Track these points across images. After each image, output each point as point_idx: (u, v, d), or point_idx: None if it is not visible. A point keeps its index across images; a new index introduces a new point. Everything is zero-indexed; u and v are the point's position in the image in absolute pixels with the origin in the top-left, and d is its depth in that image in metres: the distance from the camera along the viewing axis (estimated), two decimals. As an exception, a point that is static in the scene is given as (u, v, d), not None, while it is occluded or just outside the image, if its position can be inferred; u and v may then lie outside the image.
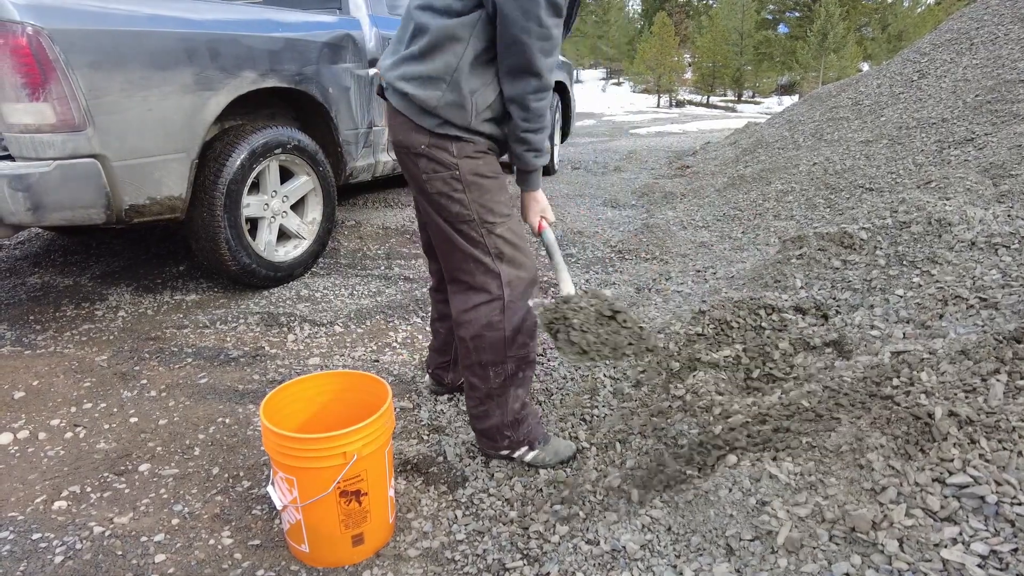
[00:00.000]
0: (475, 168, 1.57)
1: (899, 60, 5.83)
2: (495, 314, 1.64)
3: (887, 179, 3.57)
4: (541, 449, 1.78)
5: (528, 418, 1.77)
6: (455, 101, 1.51)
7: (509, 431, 1.74)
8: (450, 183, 1.57)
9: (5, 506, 1.65)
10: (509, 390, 1.71)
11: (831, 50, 27.39)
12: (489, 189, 1.60)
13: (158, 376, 2.31)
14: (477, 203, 1.58)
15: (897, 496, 1.25)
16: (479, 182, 1.58)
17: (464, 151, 1.55)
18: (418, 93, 1.51)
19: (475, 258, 1.62)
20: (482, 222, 1.60)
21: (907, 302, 1.95)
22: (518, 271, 1.65)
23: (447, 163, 1.55)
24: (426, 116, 1.53)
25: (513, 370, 1.70)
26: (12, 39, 2.03)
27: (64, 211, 2.28)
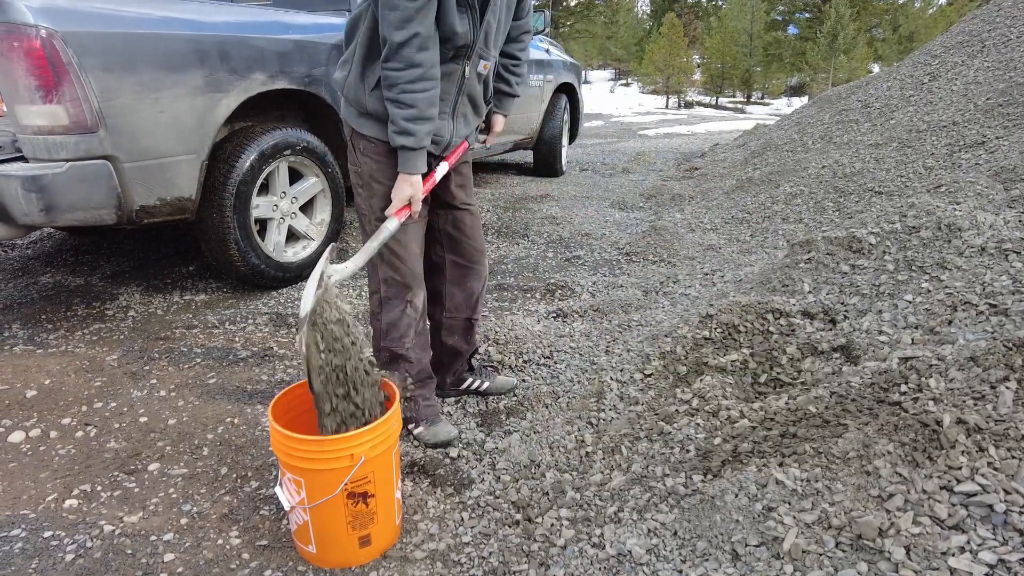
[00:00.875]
0: (372, 172, 1.72)
1: (910, 62, 5.80)
2: (376, 305, 1.86)
3: (896, 183, 3.55)
4: (425, 428, 1.93)
5: (416, 400, 1.93)
6: (353, 81, 1.67)
7: (404, 405, 1.85)
8: (356, 177, 1.77)
9: (17, 504, 1.67)
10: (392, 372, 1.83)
11: (841, 51, 27.24)
12: (376, 194, 1.73)
13: (167, 376, 2.33)
14: (368, 201, 1.75)
15: (904, 503, 1.25)
16: (372, 185, 1.73)
17: (367, 150, 1.72)
18: (336, 75, 1.72)
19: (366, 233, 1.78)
20: (370, 219, 1.76)
21: (916, 307, 1.94)
22: (393, 273, 1.80)
23: (355, 160, 1.76)
24: (345, 105, 1.73)
25: (386, 359, 1.87)
26: (26, 42, 2.06)
27: (76, 212, 2.30)
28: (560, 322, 2.75)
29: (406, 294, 1.82)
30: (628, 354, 2.34)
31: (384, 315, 1.84)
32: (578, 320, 2.76)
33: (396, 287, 1.80)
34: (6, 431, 1.97)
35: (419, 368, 1.93)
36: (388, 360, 1.87)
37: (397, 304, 1.82)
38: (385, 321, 1.84)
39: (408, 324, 1.85)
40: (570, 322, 2.75)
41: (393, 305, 1.82)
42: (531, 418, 2.05)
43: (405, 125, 1.58)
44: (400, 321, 1.83)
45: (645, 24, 41.14)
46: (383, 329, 1.85)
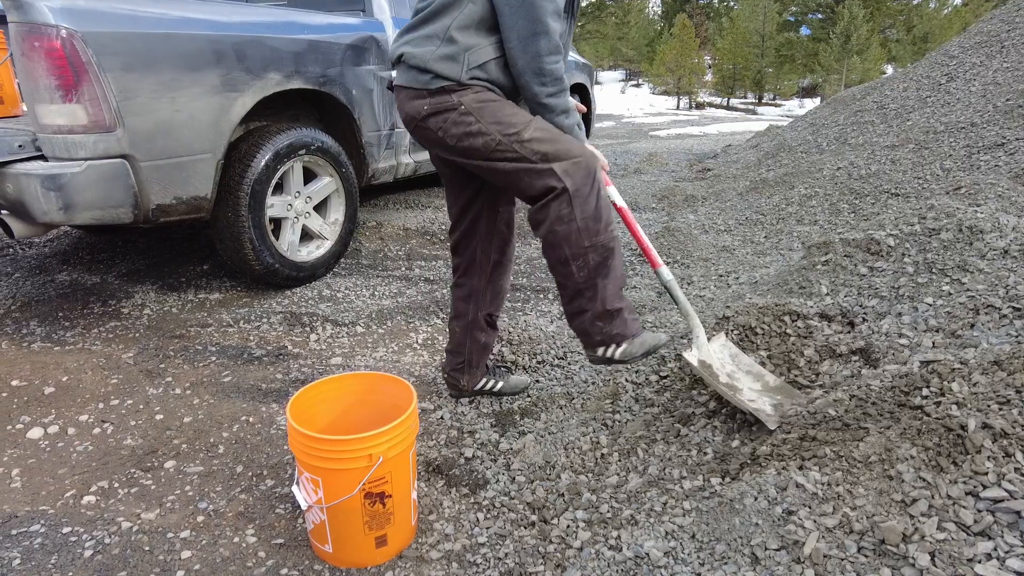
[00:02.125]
0: (476, 98, 1.63)
1: (926, 63, 5.74)
2: (564, 207, 1.61)
3: (914, 184, 3.51)
4: (629, 344, 1.73)
5: (622, 312, 1.71)
6: (447, 54, 1.60)
7: (601, 323, 1.70)
8: (462, 120, 1.62)
9: (37, 499, 1.68)
10: (597, 281, 1.66)
11: (854, 52, 27.01)
12: (497, 108, 1.63)
13: (183, 374, 2.34)
14: (494, 124, 1.61)
15: (928, 509, 1.23)
16: (486, 106, 1.62)
17: (462, 94, 1.62)
18: (414, 51, 1.62)
19: (524, 170, 1.61)
20: (509, 139, 1.61)
21: (937, 310, 1.92)
22: (569, 159, 1.61)
23: (451, 106, 1.62)
24: (420, 74, 1.62)
25: (596, 260, 1.65)
26: (47, 42, 2.07)
27: (94, 210, 2.31)
28: (574, 323, 2.74)
29: (594, 174, 1.64)
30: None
31: (577, 210, 1.60)
32: (592, 321, 2.75)
33: (581, 170, 1.61)
34: (25, 427, 1.99)
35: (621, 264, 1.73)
36: (599, 260, 1.64)
37: (588, 191, 1.61)
38: (580, 216, 1.61)
39: (607, 208, 1.66)
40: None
41: (583, 194, 1.61)
42: (545, 419, 2.05)
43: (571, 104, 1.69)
44: (598, 209, 1.63)
45: (656, 25, 41.02)
46: (579, 227, 1.61)
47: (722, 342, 1.91)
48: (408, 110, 1.69)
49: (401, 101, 1.71)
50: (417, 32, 1.65)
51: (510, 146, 1.60)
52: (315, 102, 3.25)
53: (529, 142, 1.60)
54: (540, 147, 1.60)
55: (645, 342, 1.74)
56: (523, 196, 1.69)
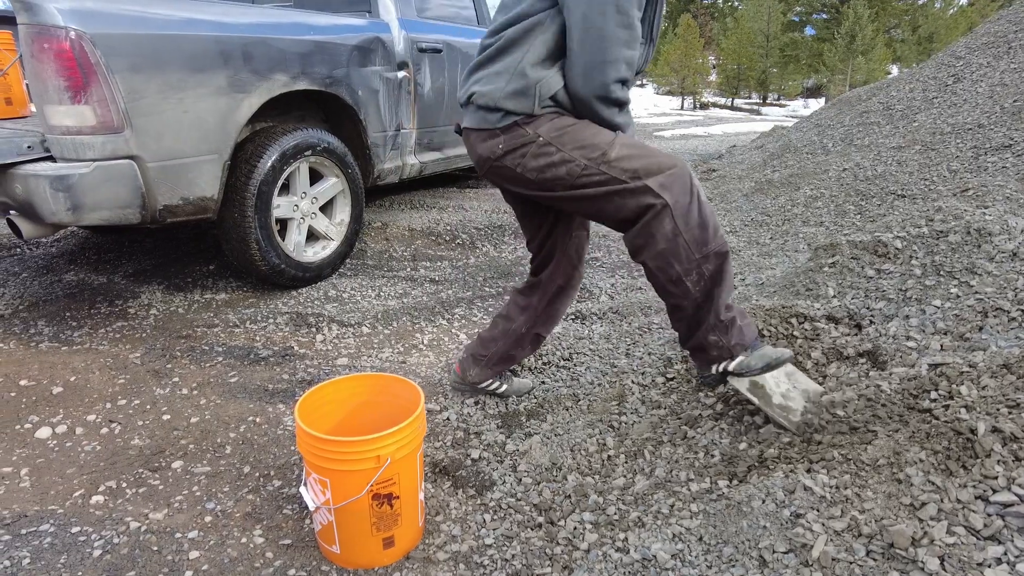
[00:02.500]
0: (553, 126, 1.56)
1: (932, 64, 5.72)
2: (667, 224, 1.51)
3: (920, 186, 3.50)
4: (747, 356, 1.63)
5: (735, 321, 1.62)
6: (518, 90, 1.54)
7: (716, 336, 1.61)
8: (541, 153, 1.54)
9: (45, 499, 1.69)
10: (712, 291, 1.57)
11: (859, 52, 26.94)
12: (576, 133, 1.55)
13: (189, 374, 2.35)
14: (575, 150, 1.53)
15: (938, 513, 1.23)
16: (564, 132, 1.55)
17: (536, 125, 1.56)
18: (483, 89, 1.57)
19: (617, 192, 1.52)
20: (595, 162, 1.53)
21: (945, 313, 1.91)
22: (663, 172, 1.52)
23: (528, 140, 1.55)
24: (490, 114, 1.58)
25: (712, 270, 1.55)
26: (56, 43, 2.08)
27: (102, 211, 2.32)
28: (579, 324, 2.74)
29: (689, 183, 1.53)
30: (649, 357, 2.32)
31: (681, 223, 1.51)
32: (597, 322, 2.75)
33: (676, 184, 1.51)
34: (33, 427, 2.00)
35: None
36: (715, 269, 1.55)
37: (687, 201, 1.51)
38: (686, 228, 1.51)
39: (711, 213, 1.55)
40: (589, 324, 2.73)
41: (683, 204, 1.51)
42: (552, 420, 2.05)
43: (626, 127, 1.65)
44: (702, 216, 1.53)
45: (661, 25, 40.97)
46: (688, 241, 1.51)
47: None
48: (481, 152, 1.62)
49: (472, 144, 1.65)
50: (486, 70, 1.59)
51: (597, 168, 1.52)
52: (321, 103, 3.26)
53: (617, 160, 1.52)
54: (630, 164, 1.52)
55: (765, 355, 1.62)
56: (617, 220, 1.58)
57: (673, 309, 1.65)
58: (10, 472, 1.79)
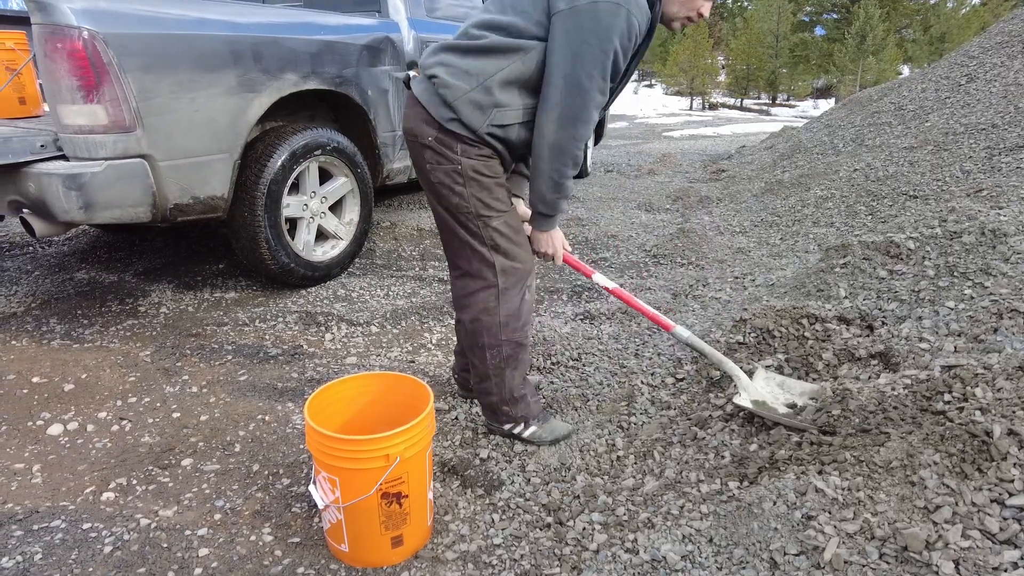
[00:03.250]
0: (476, 167, 1.64)
1: (945, 63, 5.68)
2: (491, 300, 1.73)
3: (933, 187, 3.47)
4: (539, 427, 1.89)
5: (526, 397, 1.87)
6: (477, 101, 1.57)
7: (507, 407, 1.86)
8: (451, 175, 1.64)
9: (57, 495, 1.70)
10: (505, 371, 1.81)
11: (870, 53, 26.74)
12: (487, 187, 1.66)
13: (199, 372, 2.36)
14: (475, 197, 1.65)
15: (952, 516, 1.21)
16: (479, 179, 1.64)
17: (467, 152, 1.62)
18: (447, 79, 1.57)
19: (472, 247, 1.70)
20: (478, 215, 1.67)
21: (959, 315, 1.89)
22: (512, 261, 1.72)
23: (450, 158, 1.63)
24: (442, 107, 1.59)
25: (508, 353, 1.79)
26: (69, 43, 2.10)
27: (113, 209, 2.34)
28: (588, 324, 2.74)
29: (525, 280, 1.76)
30: (659, 358, 2.31)
31: (502, 307, 1.74)
32: (606, 323, 2.74)
33: (514, 276, 1.73)
34: (45, 423, 2.01)
35: (527, 357, 1.88)
36: (511, 353, 1.79)
37: (516, 293, 1.75)
38: (504, 313, 1.74)
39: (528, 311, 1.80)
40: (598, 324, 2.73)
41: (512, 295, 1.74)
42: (560, 420, 2.04)
43: (561, 204, 1.69)
44: (520, 308, 1.77)
45: (669, 25, 40.77)
46: (501, 322, 1.75)
47: (764, 376, 1.86)
48: (413, 126, 1.68)
49: (411, 112, 1.69)
50: (457, 59, 1.59)
51: (476, 221, 1.67)
52: (331, 103, 3.26)
53: (494, 231, 1.68)
54: (498, 239, 1.69)
55: (555, 431, 1.90)
56: (457, 260, 1.77)
57: (473, 368, 1.87)
58: (22, 468, 1.81)
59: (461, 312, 1.80)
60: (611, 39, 1.46)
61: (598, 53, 1.47)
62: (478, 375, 1.85)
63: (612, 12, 1.44)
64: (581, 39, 1.46)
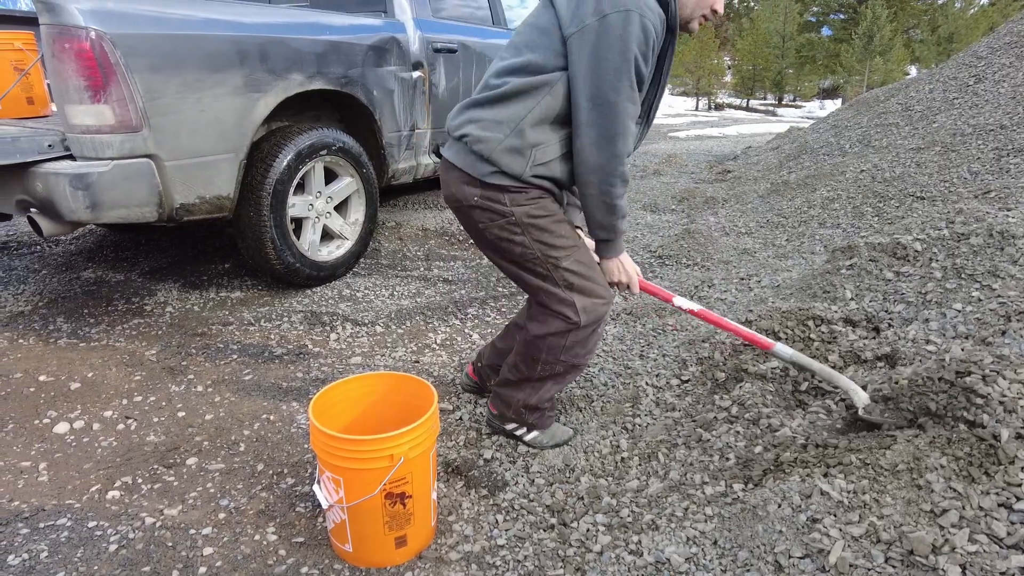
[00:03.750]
0: (529, 211, 1.59)
1: (953, 64, 5.65)
2: (568, 334, 1.70)
3: (940, 188, 3.45)
4: (541, 433, 1.89)
5: (548, 409, 1.87)
6: (515, 147, 1.54)
7: (524, 411, 1.85)
8: (508, 228, 1.61)
9: (63, 493, 1.70)
10: (547, 383, 1.80)
11: (877, 53, 26.63)
12: (547, 228, 1.61)
13: (204, 371, 2.37)
14: (538, 242, 1.61)
15: (959, 520, 1.21)
16: (536, 223, 1.60)
17: (516, 200, 1.58)
18: (480, 134, 1.55)
19: (546, 291, 1.66)
20: (546, 259, 1.62)
21: (966, 317, 1.88)
22: (591, 298, 1.67)
23: (502, 212, 1.59)
24: (480, 163, 1.56)
25: (561, 371, 1.78)
26: (77, 43, 2.10)
27: (120, 209, 2.34)
28: (593, 325, 2.73)
29: (603, 316, 1.72)
30: (664, 359, 2.31)
31: (571, 336, 1.70)
32: (611, 324, 2.73)
33: (595, 313, 1.69)
34: (52, 422, 2.02)
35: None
36: (563, 372, 1.78)
37: (591, 327, 1.71)
38: (572, 340, 1.71)
39: (596, 340, 1.77)
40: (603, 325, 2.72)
41: (587, 330, 1.71)
42: (564, 421, 2.04)
43: (619, 226, 1.63)
44: (590, 339, 1.74)
45: (675, 26, 40.67)
46: (567, 346, 1.71)
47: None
48: (456, 192, 1.64)
49: (449, 179, 1.65)
50: (486, 112, 1.56)
51: (545, 264, 1.63)
52: (336, 103, 3.27)
53: (566, 271, 1.64)
54: (572, 279, 1.64)
55: (555, 436, 1.89)
56: (531, 296, 1.74)
57: (513, 366, 1.83)
58: (29, 466, 1.81)
59: (530, 322, 1.74)
60: (629, 47, 1.43)
61: (619, 63, 1.43)
62: (515, 374, 1.82)
63: (623, 21, 1.41)
64: (599, 56, 1.43)
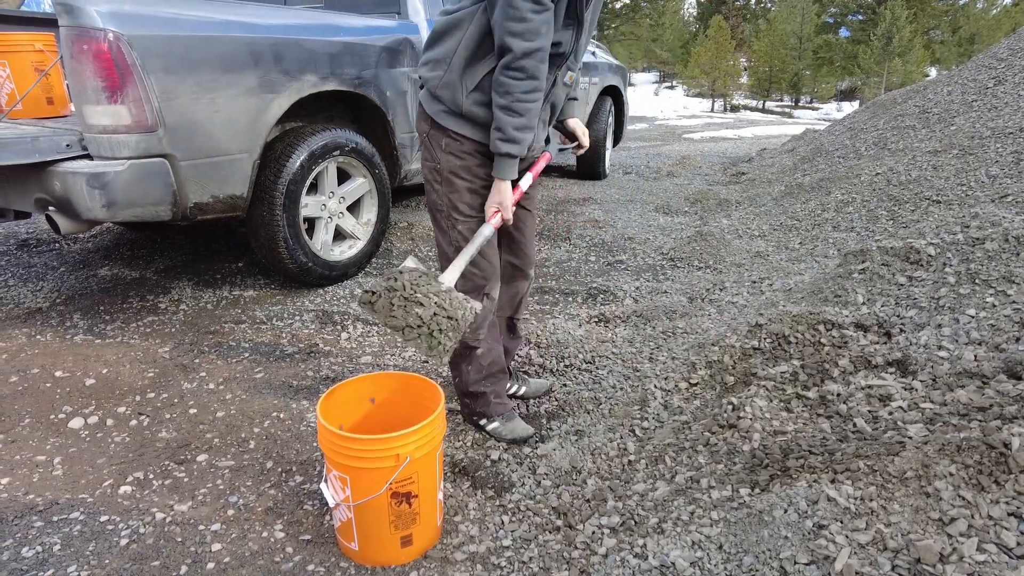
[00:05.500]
0: (453, 167, 1.70)
1: (972, 66, 5.57)
2: None
3: (957, 191, 3.41)
4: (501, 424, 1.96)
5: (486, 395, 1.95)
6: (450, 81, 1.64)
7: (468, 400, 1.98)
8: (432, 173, 1.75)
9: (76, 487, 1.73)
10: (460, 365, 1.92)
11: (896, 54, 26.31)
12: (459, 189, 1.72)
13: (216, 369, 2.39)
14: (447, 197, 1.73)
15: (968, 529, 1.19)
16: (452, 180, 1.71)
17: (450, 148, 1.69)
18: (427, 74, 1.68)
19: (440, 245, 1.82)
20: (448, 214, 1.75)
21: (979, 323, 1.86)
22: (473, 268, 1.76)
23: (434, 156, 1.73)
24: (432, 101, 1.69)
25: (458, 350, 1.87)
26: (95, 45, 2.14)
27: (135, 208, 2.38)
28: (602, 327, 2.73)
29: (484, 287, 1.81)
30: (673, 362, 2.30)
31: None
32: (621, 326, 2.73)
33: (474, 280, 1.78)
34: (67, 417, 2.05)
35: (491, 359, 1.94)
36: (460, 352, 1.88)
37: (474, 297, 1.75)
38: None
39: (483, 316, 1.84)
40: (612, 327, 2.72)
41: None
42: (572, 423, 2.04)
43: (513, 133, 1.58)
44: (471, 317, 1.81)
45: (691, 27, 40.55)
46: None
47: None
48: (417, 127, 1.82)
49: (417, 116, 1.82)
50: (428, 54, 1.70)
51: (447, 220, 1.77)
52: (350, 104, 3.29)
53: (458, 232, 1.75)
54: (460, 242, 1.75)
55: (515, 430, 1.96)
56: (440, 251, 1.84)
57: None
58: (44, 460, 1.85)
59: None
60: None
61: None
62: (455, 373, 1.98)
63: None
64: None
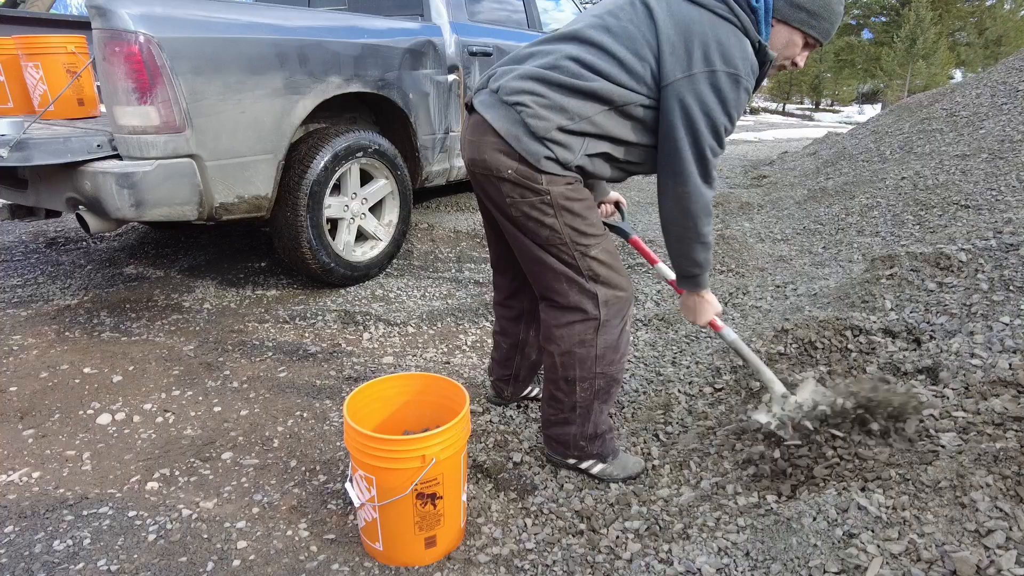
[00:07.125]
0: (565, 193, 1.51)
1: (1002, 68, 5.47)
2: (588, 332, 1.61)
3: (986, 196, 3.35)
4: (610, 464, 1.77)
5: (606, 433, 1.76)
6: (569, 142, 1.47)
7: (584, 443, 1.74)
8: (539, 208, 1.51)
9: (105, 483, 1.76)
10: (594, 404, 1.70)
11: (920, 57, 25.93)
12: (580, 213, 1.53)
13: (240, 368, 2.42)
14: (568, 226, 1.53)
15: (1006, 541, 1.17)
16: (570, 206, 1.52)
17: (554, 181, 1.49)
18: (540, 111, 1.43)
19: (568, 278, 1.58)
20: (574, 244, 1.54)
21: (1014, 330, 1.82)
22: (614, 291, 1.61)
23: (536, 189, 1.49)
24: (531, 140, 1.45)
25: (601, 386, 1.68)
26: (126, 47, 2.17)
27: (162, 207, 2.41)
28: (624, 330, 2.71)
29: (626, 311, 1.65)
30: (697, 367, 2.28)
31: (600, 339, 1.62)
32: (642, 329, 2.71)
33: (617, 306, 1.62)
34: (95, 413, 2.08)
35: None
36: (603, 387, 1.69)
37: (616, 324, 1.63)
38: (601, 345, 1.62)
39: (626, 342, 1.69)
40: (634, 331, 2.70)
41: (612, 326, 1.62)
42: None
43: (707, 260, 1.58)
44: (619, 340, 1.66)
45: (710, 29, 40.26)
46: (598, 355, 1.63)
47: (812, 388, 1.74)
48: (489, 159, 1.50)
49: (483, 143, 1.51)
50: (553, 94, 1.44)
51: (573, 251, 1.55)
52: (373, 105, 3.31)
53: (593, 260, 1.57)
54: (598, 268, 1.58)
55: (627, 467, 1.78)
56: (548, 293, 1.63)
57: (551, 400, 1.74)
58: (74, 455, 1.87)
59: (550, 344, 1.65)
60: (729, 111, 1.40)
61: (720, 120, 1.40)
62: (558, 408, 1.72)
63: (732, 85, 1.37)
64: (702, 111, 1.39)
